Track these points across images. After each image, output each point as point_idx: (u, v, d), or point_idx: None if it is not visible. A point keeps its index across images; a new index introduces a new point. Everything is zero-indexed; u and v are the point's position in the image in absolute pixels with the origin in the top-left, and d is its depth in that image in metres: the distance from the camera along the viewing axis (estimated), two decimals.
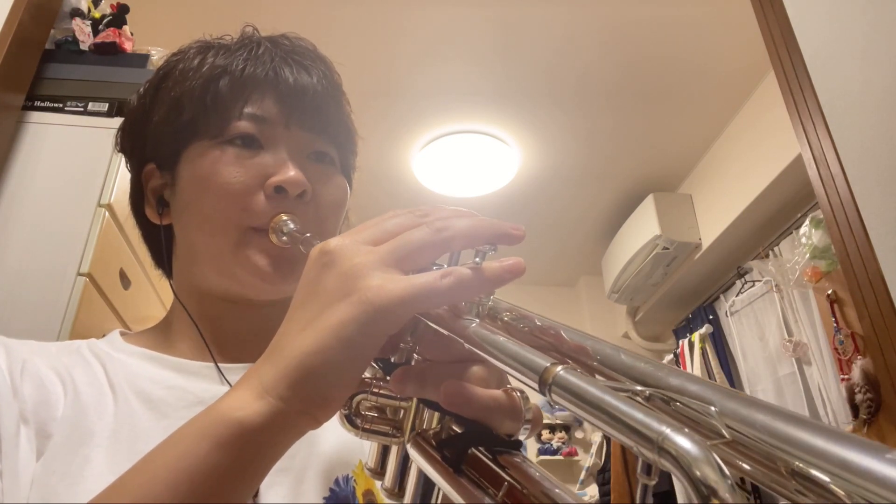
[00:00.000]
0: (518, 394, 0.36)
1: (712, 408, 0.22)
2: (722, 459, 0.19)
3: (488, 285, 0.35)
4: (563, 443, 3.88)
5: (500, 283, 0.35)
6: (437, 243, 0.37)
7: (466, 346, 0.34)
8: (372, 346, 0.35)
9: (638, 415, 0.22)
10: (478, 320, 0.35)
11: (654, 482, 0.20)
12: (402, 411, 0.41)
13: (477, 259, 0.36)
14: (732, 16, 2.41)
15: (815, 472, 0.18)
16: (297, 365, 0.35)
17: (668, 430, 0.20)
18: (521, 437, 0.36)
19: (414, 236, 0.37)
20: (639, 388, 0.25)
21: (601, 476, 3.50)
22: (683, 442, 0.20)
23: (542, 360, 0.28)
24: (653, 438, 0.20)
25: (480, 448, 0.34)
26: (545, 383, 0.26)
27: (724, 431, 0.21)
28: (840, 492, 0.17)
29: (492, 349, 0.32)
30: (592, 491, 3.51)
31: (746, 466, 0.21)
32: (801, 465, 0.19)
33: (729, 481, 0.18)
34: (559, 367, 0.26)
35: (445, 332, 0.35)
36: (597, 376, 0.30)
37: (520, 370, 0.29)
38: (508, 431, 0.35)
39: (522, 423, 0.35)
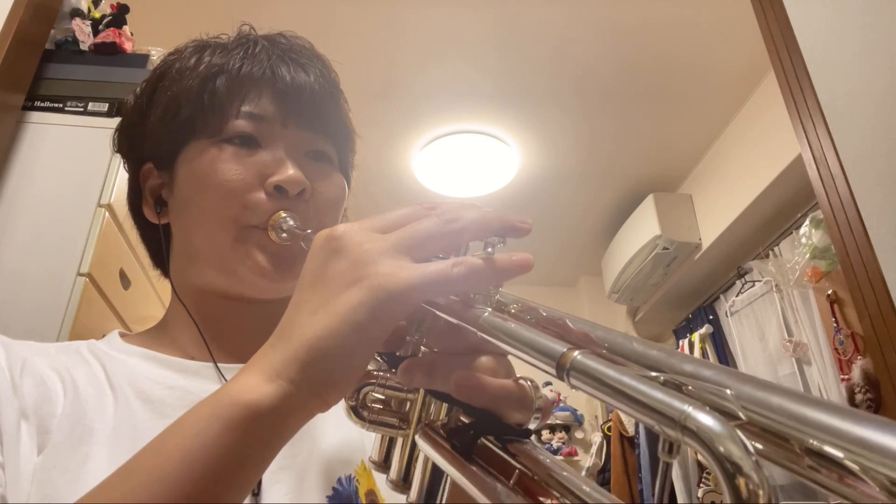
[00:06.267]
0: (528, 383, 0.36)
1: (728, 391, 0.22)
2: None
3: (499, 276, 0.35)
4: (563, 443, 3.87)
5: (510, 276, 0.36)
6: (447, 234, 0.37)
7: (479, 334, 0.34)
8: (382, 331, 0.35)
9: (659, 395, 0.22)
10: (490, 309, 0.35)
11: (675, 460, 0.20)
12: (408, 403, 0.42)
13: (489, 250, 0.36)
14: (732, 16, 2.41)
15: (828, 449, 0.18)
16: (308, 348, 0.35)
17: (690, 409, 0.20)
18: (532, 426, 0.36)
19: (423, 226, 0.37)
20: (653, 373, 0.25)
21: (601, 476, 3.50)
22: (706, 419, 0.20)
23: (558, 346, 0.28)
24: (675, 417, 0.21)
25: (490, 437, 0.34)
26: (563, 368, 0.26)
27: (740, 413, 0.21)
28: (854, 466, 0.18)
29: (506, 337, 0.32)
30: None
31: (759, 446, 0.21)
32: (815, 442, 0.19)
33: (753, 458, 0.18)
34: (576, 352, 0.26)
35: (456, 322, 0.36)
36: None
37: (536, 356, 0.29)
38: (518, 421, 0.35)
39: (533, 411, 0.36)
